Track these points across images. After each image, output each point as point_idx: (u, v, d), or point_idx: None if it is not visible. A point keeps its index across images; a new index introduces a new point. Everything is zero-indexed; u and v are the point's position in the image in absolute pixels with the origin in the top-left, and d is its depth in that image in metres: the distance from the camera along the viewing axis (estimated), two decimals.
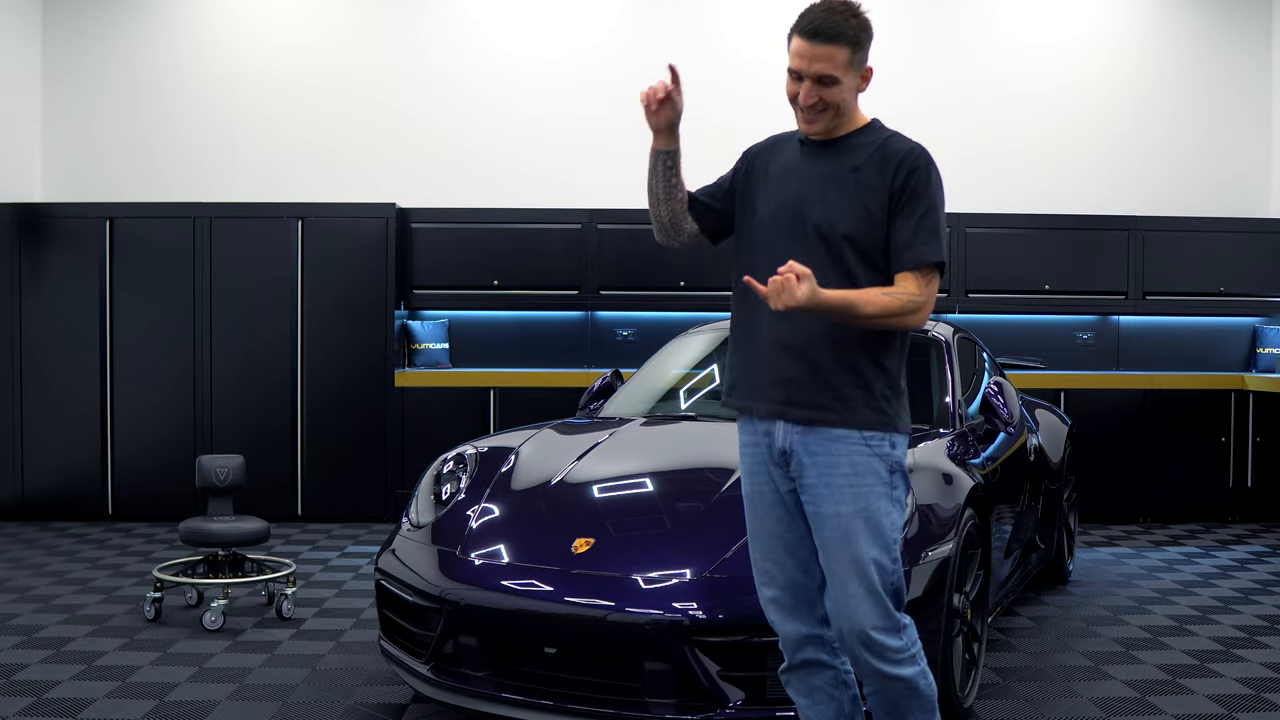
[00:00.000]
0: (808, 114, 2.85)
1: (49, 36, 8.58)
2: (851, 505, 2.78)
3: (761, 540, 2.96)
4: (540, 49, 8.60)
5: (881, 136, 2.89)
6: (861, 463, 2.80)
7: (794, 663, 2.94)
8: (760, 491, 2.96)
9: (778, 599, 2.93)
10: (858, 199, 2.82)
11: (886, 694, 2.83)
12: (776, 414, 2.87)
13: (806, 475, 2.83)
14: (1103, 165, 8.71)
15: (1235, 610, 5.57)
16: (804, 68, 2.81)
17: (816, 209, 2.86)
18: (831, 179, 2.86)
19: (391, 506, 7.77)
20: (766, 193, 2.98)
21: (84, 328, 7.77)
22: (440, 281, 8.14)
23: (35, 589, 5.82)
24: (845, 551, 2.77)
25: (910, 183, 2.80)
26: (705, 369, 5.45)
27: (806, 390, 2.82)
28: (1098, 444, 7.75)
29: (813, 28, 2.79)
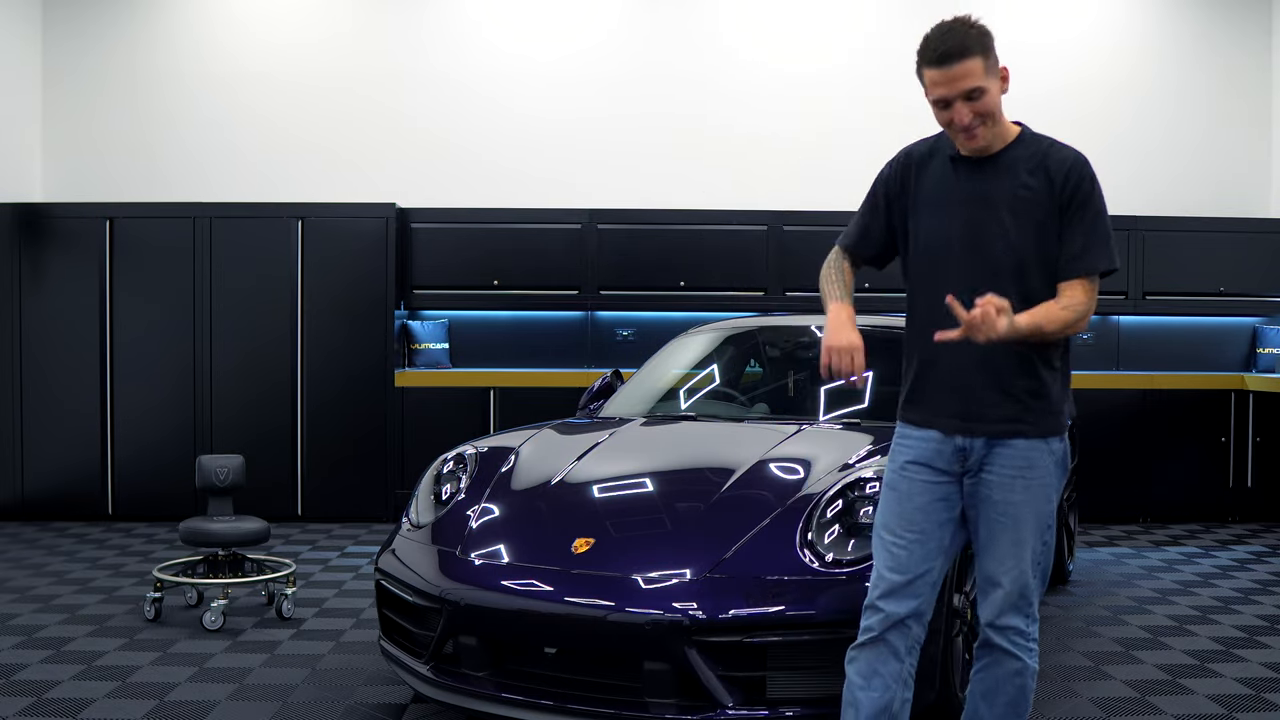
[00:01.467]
0: (968, 133, 2.86)
1: (49, 36, 8.58)
2: (1023, 494, 2.89)
3: (896, 524, 2.95)
4: (540, 49, 8.60)
5: (1042, 147, 2.92)
6: (1039, 462, 2.91)
7: (874, 637, 2.90)
8: (910, 477, 2.97)
9: (893, 581, 2.91)
10: (1035, 219, 2.86)
11: (994, 671, 2.96)
12: (965, 431, 2.92)
13: (982, 464, 2.91)
14: (1103, 165, 8.54)
15: (1235, 610, 5.57)
16: (948, 92, 2.82)
17: (996, 234, 2.88)
18: (1002, 199, 2.88)
19: (391, 506, 7.77)
20: (931, 216, 2.97)
21: (84, 328, 7.77)
22: (440, 281, 8.14)
23: (35, 589, 5.82)
24: (1010, 534, 2.89)
25: (1079, 192, 2.87)
26: (705, 369, 5.45)
27: (994, 405, 2.89)
28: (1098, 444, 7.74)
29: (941, 53, 2.82)
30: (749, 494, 3.89)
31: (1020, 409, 2.89)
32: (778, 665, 3.36)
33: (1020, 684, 2.95)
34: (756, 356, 5.64)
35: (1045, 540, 2.94)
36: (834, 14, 8.62)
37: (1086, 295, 2.87)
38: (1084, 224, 2.86)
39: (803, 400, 5.14)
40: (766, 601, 3.39)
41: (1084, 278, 2.87)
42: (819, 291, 3.13)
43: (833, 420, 4.72)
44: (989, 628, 2.94)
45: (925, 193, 2.99)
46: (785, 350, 5.56)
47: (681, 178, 8.53)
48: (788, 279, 8.07)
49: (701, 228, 8.12)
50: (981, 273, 2.87)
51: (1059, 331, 2.85)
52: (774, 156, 8.55)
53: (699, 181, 8.53)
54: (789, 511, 3.70)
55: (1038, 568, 2.93)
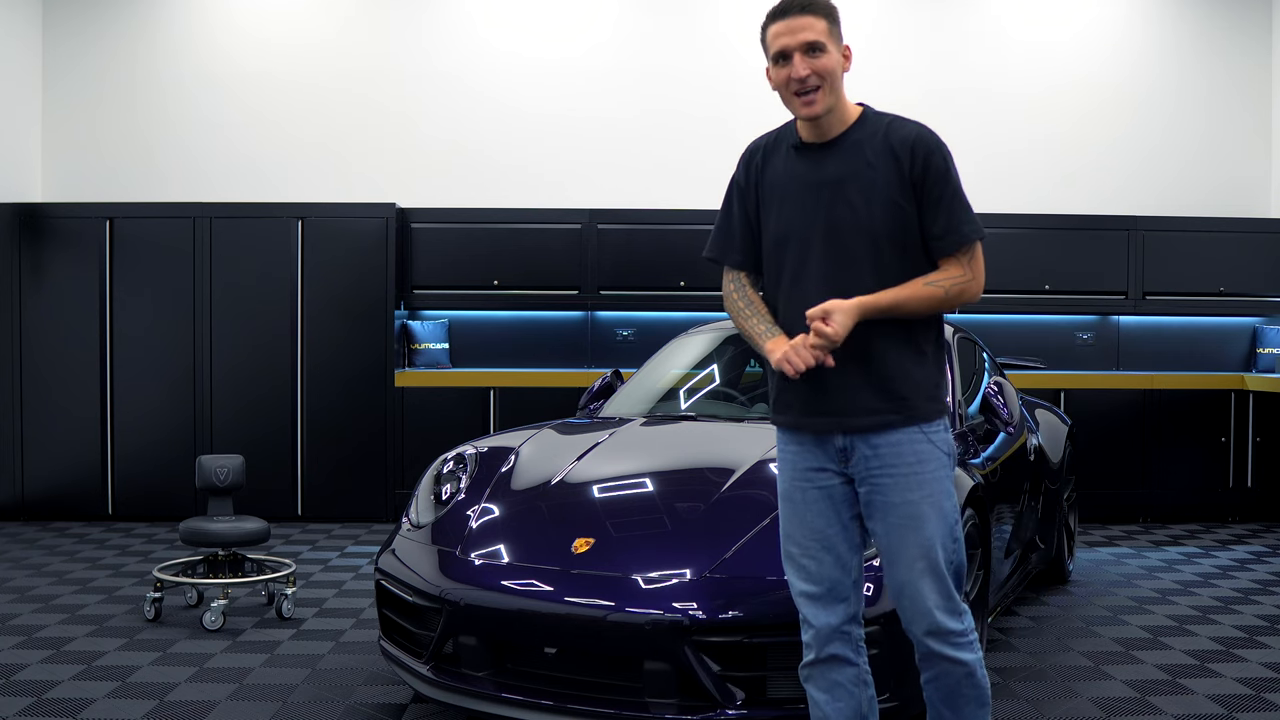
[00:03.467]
0: (805, 94, 2.80)
1: (49, 36, 8.58)
2: (918, 492, 2.81)
3: (799, 535, 2.91)
4: (541, 48, 8.60)
5: (882, 125, 2.84)
6: (924, 451, 2.83)
7: (820, 657, 2.89)
8: (802, 486, 2.91)
9: (811, 593, 2.89)
10: (885, 197, 2.79)
11: (946, 680, 2.87)
12: (835, 428, 2.85)
13: (869, 467, 2.83)
14: (1103, 165, 8.71)
15: (1235, 610, 5.57)
16: (789, 41, 2.80)
17: (845, 217, 2.81)
18: (849, 182, 2.81)
19: (391, 506, 7.77)
20: (780, 206, 2.91)
21: (84, 328, 7.77)
22: (440, 281, 8.14)
23: (35, 589, 5.82)
24: (914, 536, 2.80)
25: (930, 166, 2.78)
26: (705, 369, 5.45)
27: (863, 398, 2.82)
28: (1098, 444, 7.75)
29: (784, 6, 2.83)
30: (749, 494, 3.89)
31: (886, 399, 2.81)
32: (778, 665, 3.36)
33: (975, 682, 2.88)
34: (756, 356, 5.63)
35: (955, 536, 2.84)
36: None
37: (963, 269, 2.81)
38: (943, 200, 2.78)
39: None
40: (767, 601, 3.38)
41: (956, 253, 2.81)
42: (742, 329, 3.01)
43: None
44: (926, 637, 2.83)
45: (771, 183, 2.94)
46: None
47: (681, 178, 8.53)
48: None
49: (702, 228, 8.08)
50: (834, 259, 2.82)
51: (931, 307, 2.79)
52: None
53: (699, 181, 8.52)
54: None
55: (951, 566, 2.83)
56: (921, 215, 2.80)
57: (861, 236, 2.80)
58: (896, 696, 3.39)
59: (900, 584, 2.84)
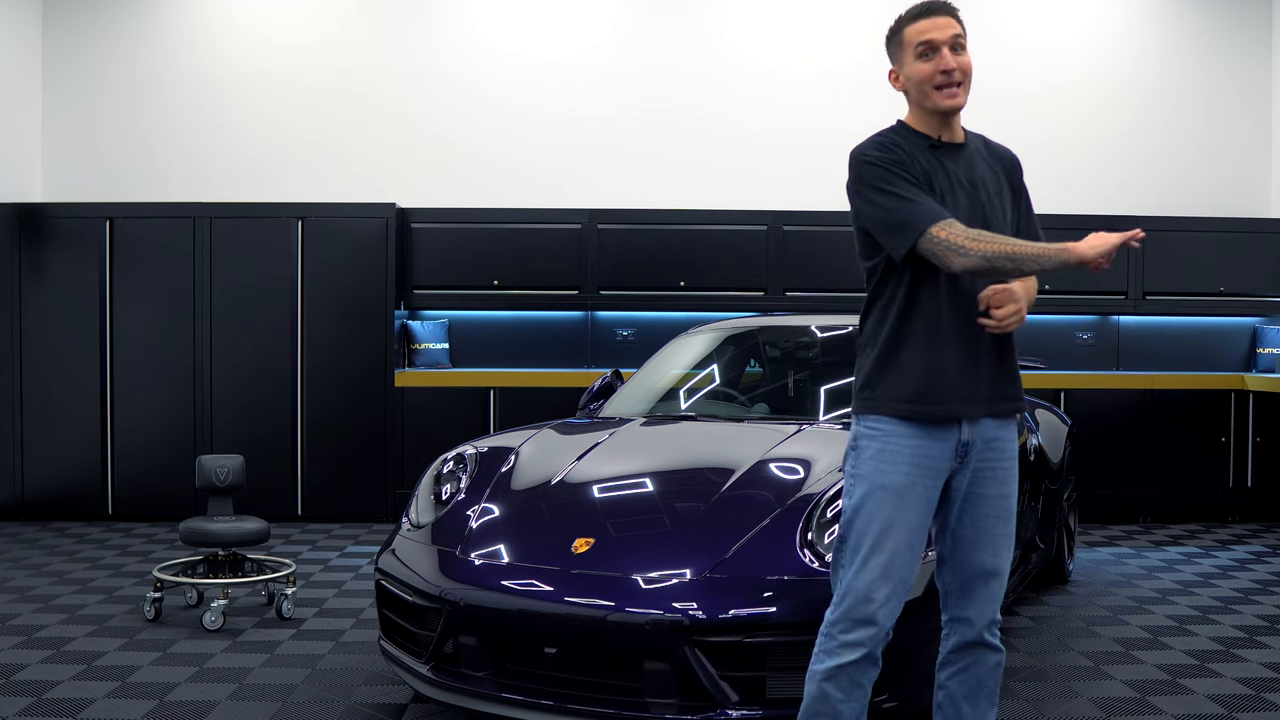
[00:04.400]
0: (949, 86, 2.88)
1: (49, 36, 8.59)
2: (1010, 485, 2.97)
3: (897, 530, 2.86)
4: (541, 49, 8.60)
5: (976, 137, 3.06)
6: (1015, 445, 3.01)
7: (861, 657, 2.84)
8: (922, 481, 2.89)
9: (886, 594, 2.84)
10: (1005, 199, 3.01)
11: (978, 670, 2.99)
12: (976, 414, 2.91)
13: (984, 459, 2.93)
14: (1103, 165, 8.71)
15: (1235, 610, 5.57)
16: (938, 35, 2.89)
17: (996, 214, 2.96)
18: (988, 183, 2.98)
19: (391, 506, 7.77)
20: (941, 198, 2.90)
21: (84, 328, 7.77)
22: (440, 281, 8.14)
23: (35, 589, 5.82)
24: (1004, 527, 2.96)
25: (1022, 182, 3.09)
26: (705, 369, 5.45)
27: (1000, 384, 2.94)
28: (1098, 444, 7.75)
29: (929, 6, 2.93)
30: (749, 494, 3.89)
31: (1013, 388, 2.97)
32: (778, 665, 3.36)
33: (999, 674, 3.02)
34: (756, 356, 5.64)
35: None
36: (834, 15, 8.62)
37: None
38: (1030, 210, 3.09)
39: (803, 400, 5.14)
40: (767, 601, 3.39)
41: None
42: (998, 252, 2.74)
43: (833, 420, 4.73)
44: (985, 626, 2.95)
45: (923, 176, 2.92)
46: (785, 350, 5.56)
47: (681, 178, 8.53)
48: (787, 279, 8.08)
49: (701, 228, 8.12)
50: None
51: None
52: (774, 156, 8.55)
53: (699, 181, 8.53)
54: (789, 511, 3.71)
55: None
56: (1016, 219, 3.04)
57: (1004, 231, 2.96)
58: (896, 696, 3.39)
59: (981, 572, 2.95)
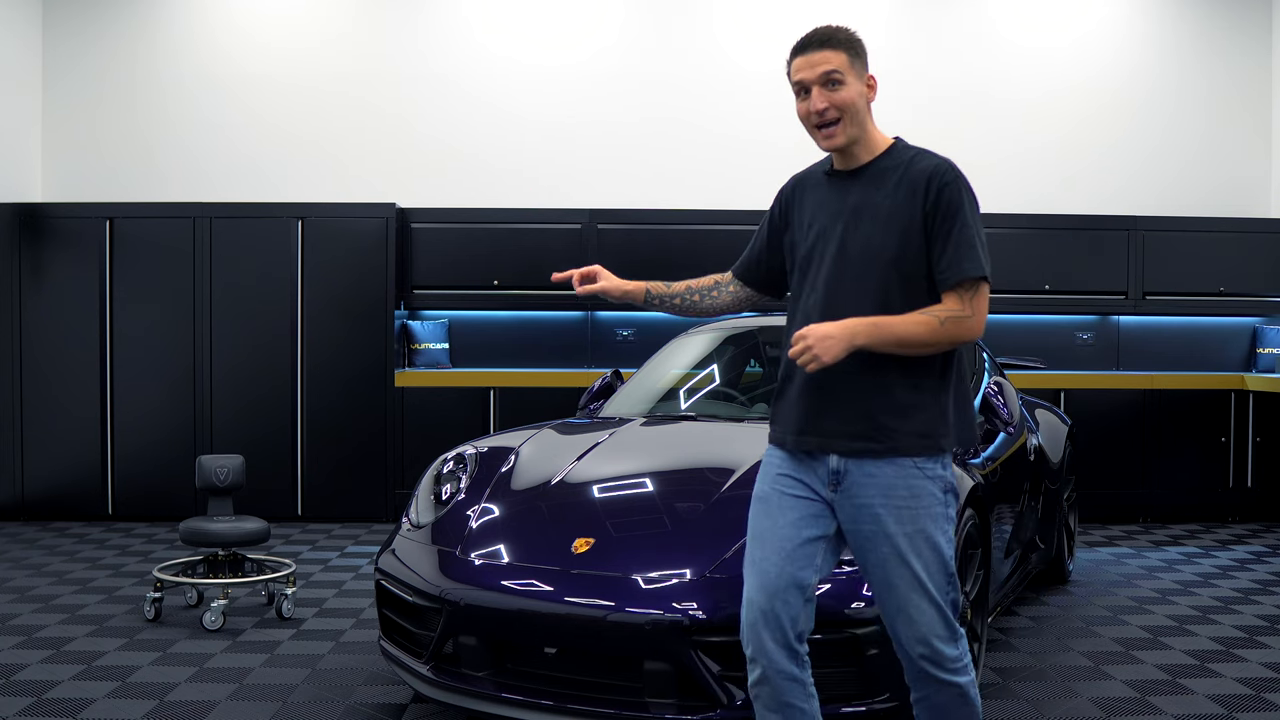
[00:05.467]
0: (825, 127, 2.84)
1: (49, 36, 8.59)
2: (910, 526, 2.77)
3: (769, 536, 2.86)
4: (537, 55, 8.60)
5: (906, 157, 2.86)
6: (918, 486, 2.79)
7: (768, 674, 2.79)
8: (780, 490, 2.88)
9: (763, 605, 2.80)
10: (899, 228, 2.80)
11: (936, 699, 2.84)
12: (822, 448, 2.84)
13: (862, 495, 2.80)
14: (1103, 167, 8.71)
15: (1235, 610, 5.57)
16: (807, 75, 2.84)
17: (857, 241, 2.83)
18: (867, 209, 2.83)
19: (391, 506, 7.77)
20: (804, 230, 2.95)
21: (84, 328, 7.77)
22: (440, 281, 8.14)
23: (35, 589, 5.82)
24: (905, 570, 2.77)
25: (942, 200, 2.78)
26: (705, 369, 5.45)
27: (852, 424, 2.80)
28: (1098, 444, 7.75)
29: (804, 41, 2.89)
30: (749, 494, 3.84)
31: (873, 428, 2.78)
32: None
33: (966, 701, 2.84)
34: (756, 356, 5.64)
35: (950, 573, 2.81)
36: (832, 18, 8.62)
37: (963, 304, 2.76)
38: (950, 234, 2.77)
39: None
40: None
41: (955, 288, 2.78)
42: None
43: None
44: (923, 660, 2.80)
45: (804, 209, 2.98)
46: None
47: (681, 177, 8.53)
48: None
49: (701, 228, 8.12)
50: (845, 283, 2.83)
51: (936, 342, 2.74)
52: (774, 157, 8.52)
53: (699, 181, 8.53)
54: None
55: (947, 599, 2.80)
56: (930, 247, 2.79)
57: (872, 264, 2.81)
58: (896, 697, 3.39)
59: (894, 611, 2.81)
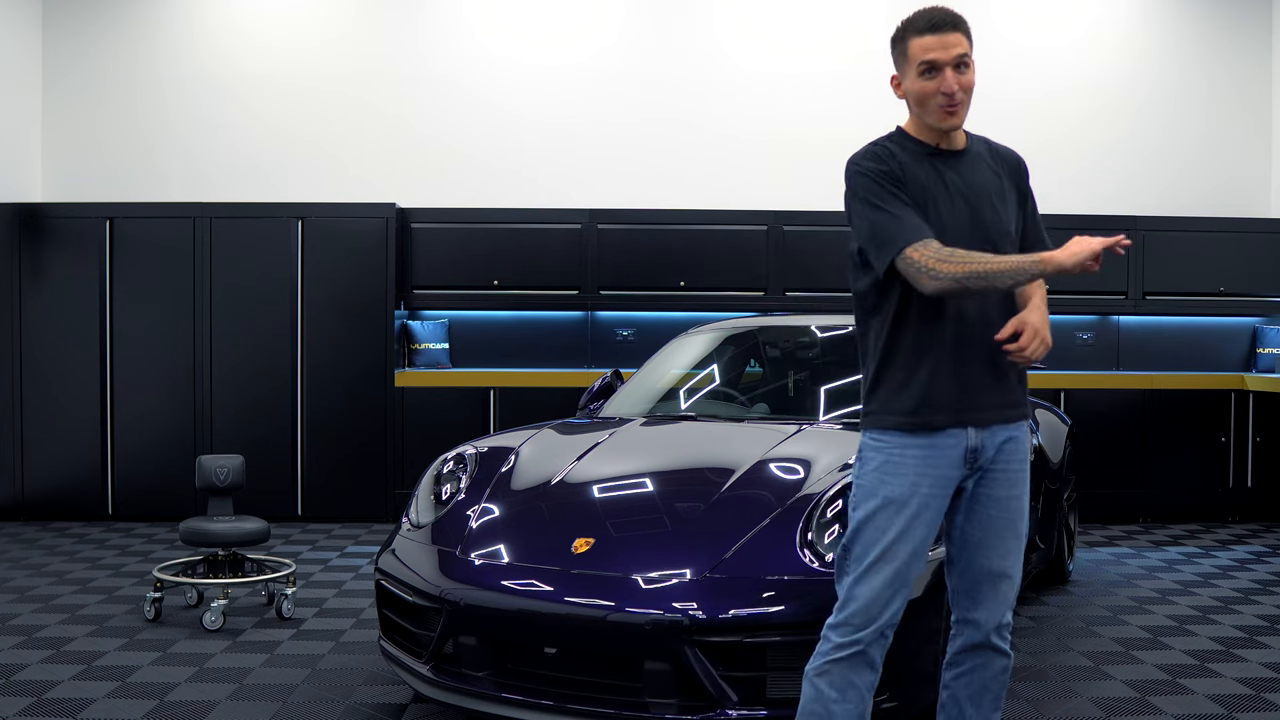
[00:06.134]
0: (949, 106, 2.86)
1: (49, 37, 8.59)
2: (1022, 487, 2.97)
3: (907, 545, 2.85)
4: (538, 56, 8.60)
5: (983, 144, 3.04)
6: (1027, 447, 2.99)
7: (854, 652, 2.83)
8: (930, 493, 2.87)
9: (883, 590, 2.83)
10: (1010, 205, 2.99)
11: (984, 672, 2.98)
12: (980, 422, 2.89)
13: (992, 462, 2.92)
14: (1103, 167, 8.71)
15: (1235, 610, 5.57)
16: (942, 55, 2.86)
17: (991, 222, 2.92)
18: (989, 190, 2.95)
19: (391, 506, 7.77)
20: (934, 207, 2.89)
21: (84, 328, 7.77)
22: (440, 281, 8.14)
23: (35, 589, 5.82)
24: (1013, 530, 2.95)
25: (1028, 184, 3.08)
26: (705, 369, 5.45)
27: (1001, 391, 2.92)
28: (1098, 444, 7.75)
29: (935, 21, 2.89)
30: (749, 494, 3.89)
31: (1019, 393, 2.96)
32: (778, 665, 3.36)
33: (1006, 678, 3.00)
34: (756, 356, 5.65)
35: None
36: (833, 17, 8.62)
37: None
38: (1035, 212, 3.08)
39: (803, 400, 5.14)
40: (766, 601, 3.38)
41: None
42: (969, 272, 2.70)
43: (833, 420, 4.73)
44: (993, 629, 2.94)
45: (922, 185, 2.92)
46: (785, 350, 5.56)
47: (681, 178, 8.53)
48: (788, 279, 8.08)
49: (701, 228, 8.12)
50: None
51: None
52: (774, 156, 8.55)
53: (699, 181, 8.53)
54: (789, 511, 3.71)
55: None
56: (1024, 222, 3.04)
57: (1005, 240, 2.93)
58: (896, 697, 3.39)
59: (989, 574, 2.95)
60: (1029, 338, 2.78)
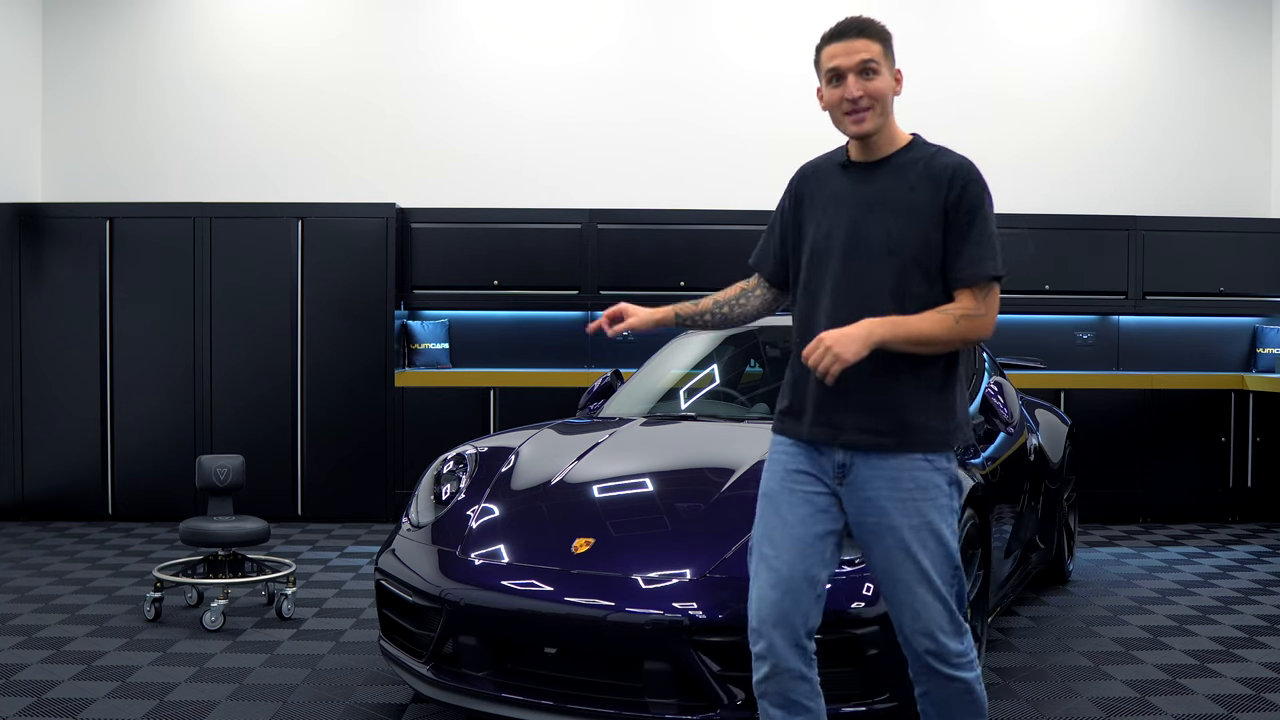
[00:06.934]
0: (855, 113, 2.84)
1: (49, 37, 8.59)
2: (917, 518, 2.79)
3: (778, 534, 2.86)
4: (538, 56, 8.60)
5: (927, 153, 2.88)
6: (925, 479, 2.81)
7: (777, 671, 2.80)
8: (790, 487, 2.88)
9: (776, 600, 2.81)
10: (919, 223, 2.81)
11: (941, 694, 2.84)
12: (832, 440, 2.84)
13: (869, 488, 2.81)
14: (1103, 167, 8.71)
15: (1235, 610, 5.57)
16: (844, 61, 2.85)
17: (876, 233, 2.83)
18: (887, 202, 2.84)
19: (391, 506, 7.77)
20: (819, 220, 2.93)
21: (84, 328, 7.77)
22: (440, 281, 8.14)
23: (35, 589, 5.82)
24: (910, 563, 2.78)
25: (965, 197, 2.80)
26: (705, 369, 5.45)
27: (865, 419, 2.81)
28: (1098, 444, 7.75)
29: (841, 28, 2.91)
30: (749, 494, 3.85)
31: (888, 423, 2.80)
32: None
33: (973, 698, 2.85)
34: (756, 356, 5.64)
35: (955, 564, 2.82)
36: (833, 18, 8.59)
37: (974, 301, 2.79)
38: (970, 231, 2.79)
39: None
40: None
41: (971, 286, 2.80)
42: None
43: None
44: (927, 655, 2.81)
45: (817, 198, 2.96)
46: (785, 350, 5.56)
47: (681, 178, 8.53)
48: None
49: (701, 228, 8.12)
50: (859, 275, 2.84)
51: (949, 340, 2.77)
52: (774, 157, 8.52)
53: (699, 181, 8.53)
54: None
55: (952, 590, 2.81)
56: (947, 244, 2.81)
57: (889, 257, 2.82)
58: (896, 697, 3.39)
59: (898, 604, 2.82)
60: (811, 350, 2.70)
